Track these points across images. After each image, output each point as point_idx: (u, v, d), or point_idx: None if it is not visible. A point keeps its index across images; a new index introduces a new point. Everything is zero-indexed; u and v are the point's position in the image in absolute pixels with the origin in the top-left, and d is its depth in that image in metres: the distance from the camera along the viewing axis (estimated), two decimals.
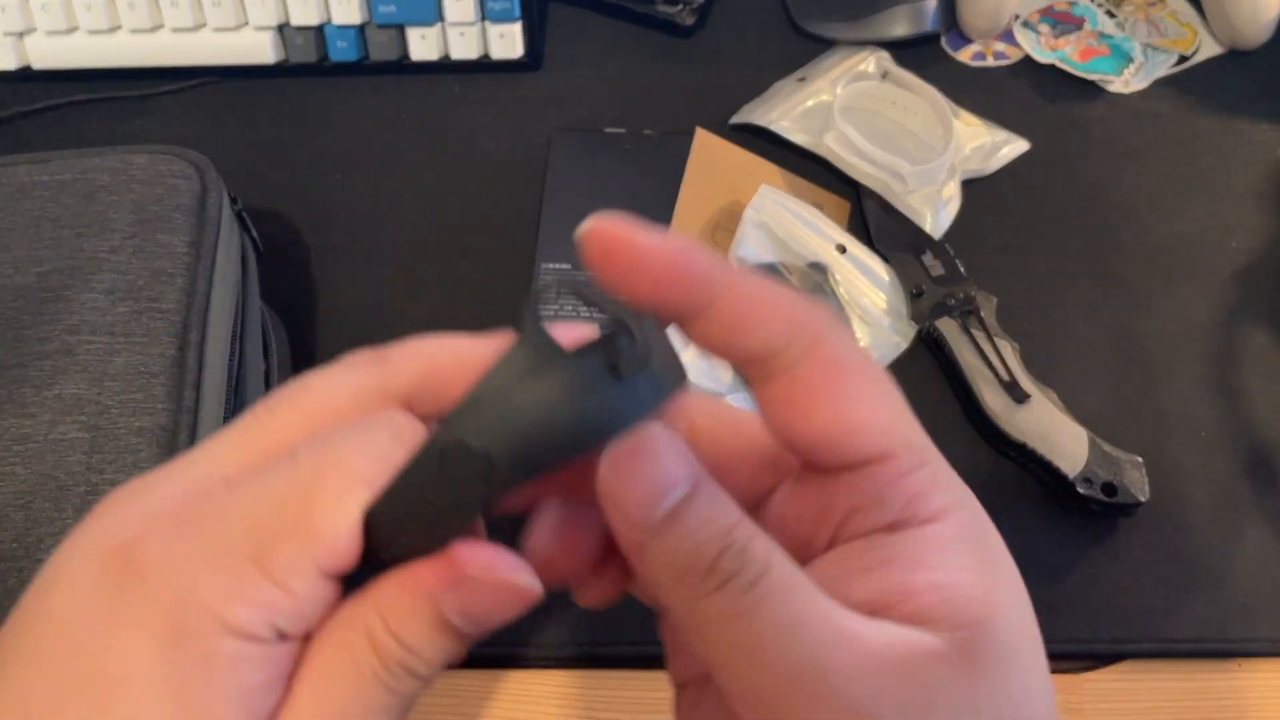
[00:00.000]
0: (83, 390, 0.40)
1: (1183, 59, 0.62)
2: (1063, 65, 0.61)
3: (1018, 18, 0.64)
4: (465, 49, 0.60)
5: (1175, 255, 0.54)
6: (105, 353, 0.41)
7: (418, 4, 0.59)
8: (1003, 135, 0.58)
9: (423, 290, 0.54)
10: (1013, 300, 0.51)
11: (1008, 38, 0.63)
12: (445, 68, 0.61)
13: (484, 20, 0.60)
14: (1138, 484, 0.44)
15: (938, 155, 0.55)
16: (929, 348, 0.51)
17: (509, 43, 0.60)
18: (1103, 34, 0.63)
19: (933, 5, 0.62)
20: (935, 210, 0.54)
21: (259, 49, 0.60)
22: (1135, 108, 0.60)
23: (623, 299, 0.19)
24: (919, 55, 0.61)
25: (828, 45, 0.62)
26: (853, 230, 0.54)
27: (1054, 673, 0.21)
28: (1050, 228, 0.55)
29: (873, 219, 0.54)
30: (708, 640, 0.19)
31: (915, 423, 0.21)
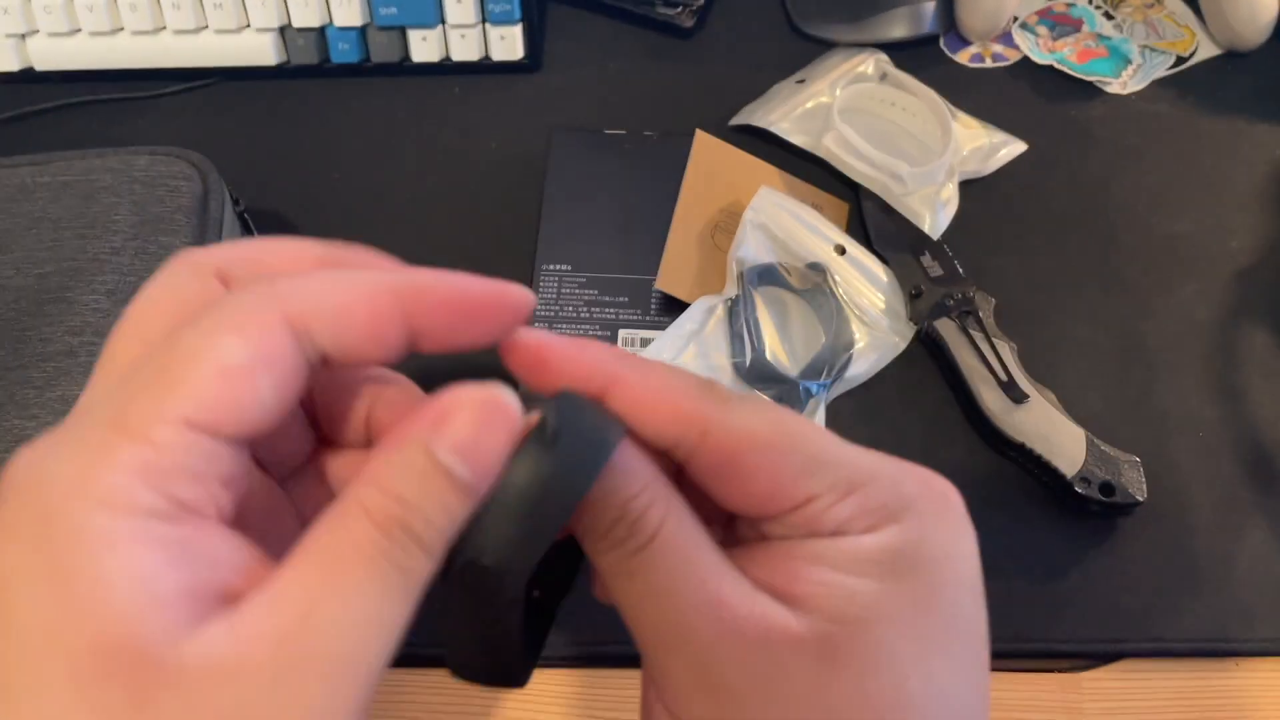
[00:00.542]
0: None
1: (1180, 60, 0.62)
2: (1061, 67, 0.61)
3: (1016, 20, 0.64)
4: (466, 51, 0.61)
5: (1174, 256, 0.54)
6: None
7: (419, 6, 0.59)
8: (1001, 136, 0.58)
9: None
10: (1011, 301, 0.51)
11: (1006, 39, 0.63)
12: (446, 69, 0.61)
13: (485, 22, 0.60)
14: (1135, 484, 0.45)
15: (936, 156, 0.55)
16: (927, 348, 0.51)
17: (509, 44, 0.60)
18: (1100, 35, 0.63)
19: (931, 7, 0.62)
20: (934, 211, 0.54)
21: (260, 51, 0.60)
22: (1133, 109, 0.60)
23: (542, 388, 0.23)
24: (918, 57, 0.61)
25: (827, 47, 0.62)
26: (851, 231, 0.54)
27: (1052, 672, 0.21)
28: (1049, 228, 0.55)
29: (871, 220, 0.54)
30: (611, 590, 0.22)
31: (842, 450, 0.22)
